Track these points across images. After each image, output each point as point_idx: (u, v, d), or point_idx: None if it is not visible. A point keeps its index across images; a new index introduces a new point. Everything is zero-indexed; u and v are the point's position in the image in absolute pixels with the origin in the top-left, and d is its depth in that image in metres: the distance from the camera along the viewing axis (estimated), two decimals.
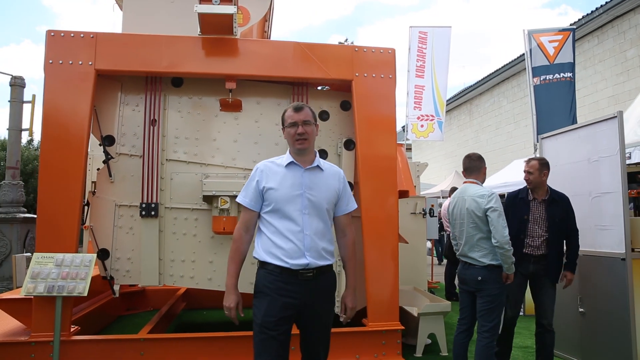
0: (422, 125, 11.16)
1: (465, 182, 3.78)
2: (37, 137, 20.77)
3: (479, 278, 3.54)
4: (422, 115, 11.15)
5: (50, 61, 4.25)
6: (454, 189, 7.66)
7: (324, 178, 2.63)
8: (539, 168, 3.89)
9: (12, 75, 8.63)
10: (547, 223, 3.87)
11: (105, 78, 4.53)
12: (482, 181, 3.74)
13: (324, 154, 4.84)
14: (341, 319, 2.67)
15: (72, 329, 4.18)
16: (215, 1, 4.04)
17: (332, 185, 2.64)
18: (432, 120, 11.10)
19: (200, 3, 4.06)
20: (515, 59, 16.49)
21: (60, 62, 4.26)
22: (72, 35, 4.31)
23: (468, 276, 3.64)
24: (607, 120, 4.03)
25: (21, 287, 4.55)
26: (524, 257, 3.90)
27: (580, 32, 13.26)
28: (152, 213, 4.50)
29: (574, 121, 9.22)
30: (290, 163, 2.58)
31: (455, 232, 3.83)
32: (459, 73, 51.94)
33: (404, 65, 11.81)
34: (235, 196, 4.31)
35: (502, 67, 17.54)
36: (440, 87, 11.15)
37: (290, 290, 2.47)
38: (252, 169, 2.69)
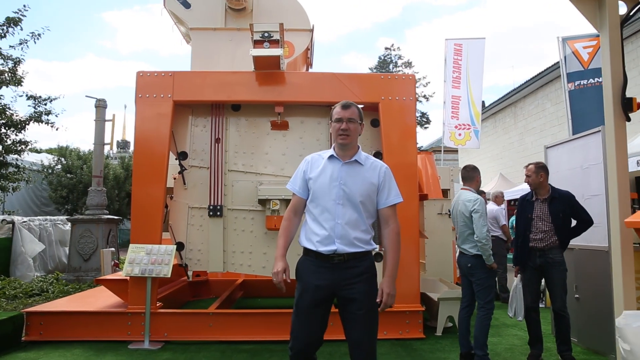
0: (459, 134, 11.80)
1: (461, 189, 4.59)
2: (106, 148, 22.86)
3: (469, 265, 4.34)
4: (459, 125, 11.78)
5: (140, 95, 5.45)
6: (496, 195, 8.26)
7: (361, 172, 2.72)
8: (535, 171, 4.51)
9: (96, 98, 10.16)
10: (550, 218, 4.44)
11: (180, 106, 5.68)
12: (476, 188, 4.52)
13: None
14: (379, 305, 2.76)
15: (157, 304, 5.33)
16: (266, 45, 5.09)
17: (369, 179, 2.71)
18: (468, 129, 11.71)
19: (254, 47, 5.13)
20: (557, 62, 16.64)
21: (147, 95, 5.45)
22: (155, 74, 5.50)
23: (462, 263, 4.45)
24: (595, 133, 4.71)
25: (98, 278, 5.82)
26: (531, 251, 4.50)
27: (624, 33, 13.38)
28: (218, 213, 5.61)
29: None
30: (331, 156, 2.75)
31: (456, 229, 4.64)
32: (509, 73, 50.87)
33: (442, 75, 12.51)
34: (284, 200, 5.37)
35: (545, 70, 17.66)
36: (475, 98, 11.74)
37: (323, 273, 2.64)
38: None
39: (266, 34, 5.15)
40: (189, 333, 5.20)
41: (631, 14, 2.52)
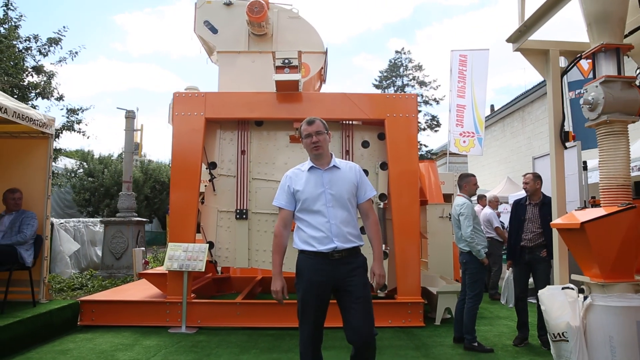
0: (464, 141, 12.47)
1: (457, 195, 5.33)
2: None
3: (464, 261, 5.07)
4: (463, 132, 12.46)
5: (177, 113, 6.26)
6: (490, 199, 9.01)
7: (341, 174, 3.03)
8: (533, 179, 5.26)
9: (126, 109, 11.05)
10: (539, 221, 5.11)
11: (210, 122, 6.47)
12: (468, 193, 5.24)
13: (365, 173, 6.52)
14: (373, 286, 3.06)
15: (191, 295, 6.13)
16: (286, 70, 5.87)
17: (349, 178, 3.03)
18: (472, 136, 12.38)
19: (276, 72, 5.91)
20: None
21: (182, 113, 6.26)
22: (190, 95, 6.32)
23: (460, 260, 5.19)
24: (571, 147, 5.41)
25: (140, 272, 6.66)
26: (522, 249, 5.19)
27: None
28: (244, 216, 6.39)
29: None
30: (311, 167, 3.04)
31: (454, 230, 5.38)
32: (520, 75, 51.13)
33: (448, 85, 13.18)
34: None
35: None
36: (479, 106, 12.40)
37: (323, 270, 2.89)
38: None
39: (286, 61, 5.93)
40: (219, 320, 5.98)
41: (569, 65, 3.25)
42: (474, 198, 14.06)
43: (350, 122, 6.57)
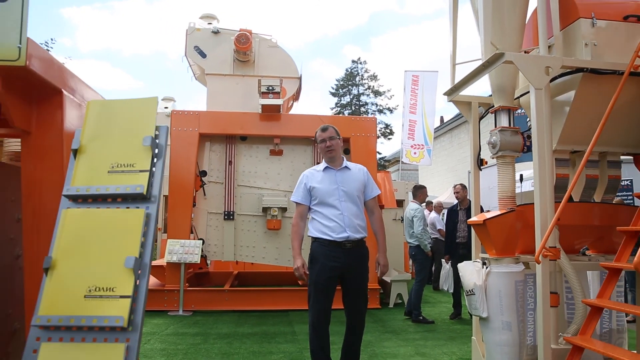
0: (414, 153, 13.95)
1: (411, 201, 6.73)
2: None
3: (413, 253, 6.46)
4: (414, 145, 13.93)
5: (174, 129, 7.32)
6: (436, 205, 10.51)
7: (352, 174, 3.45)
8: (462, 189, 6.73)
9: None
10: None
11: (202, 136, 7.56)
12: (420, 201, 6.66)
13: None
14: (377, 274, 3.53)
15: (186, 284, 7.17)
16: (270, 96, 7.07)
17: (358, 178, 3.45)
18: (422, 148, 13.87)
19: (261, 97, 7.10)
20: None
21: (180, 129, 7.33)
22: (186, 113, 7.39)
23: (410, 252, 6.57)
24: (494, 165, 6.89)
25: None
26: (457, 245, 6.69)
27: None
28: (230, 217, 7.52)
29: (529, 150, 11.85)
30: (326, 168, 3.44)
31: (405, 229, 6.75)
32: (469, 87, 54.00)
33: (401, 98, 14.67)
34: (281, 208, 7.33)
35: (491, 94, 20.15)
36: (429, 121, 13.92)
37: (335, 256, 3.25)
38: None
39: (270, 87, 7.13)
40: (211, 305, 7.07)
41: (484, 114, 4.70)
42: (423, 204, 15.34)
43: None
